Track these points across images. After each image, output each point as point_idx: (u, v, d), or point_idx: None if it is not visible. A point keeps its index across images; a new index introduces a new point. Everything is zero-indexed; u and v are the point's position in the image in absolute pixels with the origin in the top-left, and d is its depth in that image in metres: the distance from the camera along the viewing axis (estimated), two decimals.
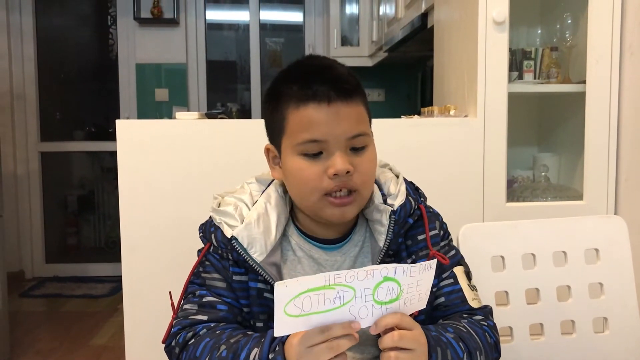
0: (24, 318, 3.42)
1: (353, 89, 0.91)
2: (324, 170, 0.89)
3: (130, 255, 1.64)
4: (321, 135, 0.88)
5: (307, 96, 0.89)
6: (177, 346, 0.92)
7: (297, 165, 0.91)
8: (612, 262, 1.22)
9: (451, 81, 2.04)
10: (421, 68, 3.84)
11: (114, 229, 4.67)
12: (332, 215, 0.92)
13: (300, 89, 0.90)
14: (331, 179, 0.89)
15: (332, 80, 0.89)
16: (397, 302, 0.80)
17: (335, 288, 0.76)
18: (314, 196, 0.91)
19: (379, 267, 0.77)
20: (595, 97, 1.75)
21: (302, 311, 0.75)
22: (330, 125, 0.88)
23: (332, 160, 0.88)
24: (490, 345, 0.94)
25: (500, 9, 1.70)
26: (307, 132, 0.89)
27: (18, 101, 4.22)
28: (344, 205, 0.91)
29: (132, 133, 1.64)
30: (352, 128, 0.89)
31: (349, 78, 0.92)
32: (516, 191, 1.89)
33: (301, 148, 0.90)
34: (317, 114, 0.88)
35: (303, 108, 0.89)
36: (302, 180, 0.91)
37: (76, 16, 4.72)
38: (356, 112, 0.91)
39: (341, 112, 0.89)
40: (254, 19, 4.60)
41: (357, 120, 0.91)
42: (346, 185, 0.89)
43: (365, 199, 0.94)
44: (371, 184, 0.95)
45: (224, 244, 0.93)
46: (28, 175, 4.25)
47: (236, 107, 4.49)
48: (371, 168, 0.93)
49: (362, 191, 0.92)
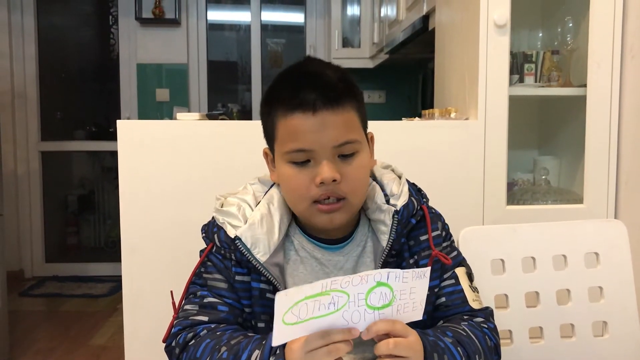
0: (24, 317, 3.42)
1: (341, 96, 0.90)
2: (311, 179, 0.90)
3: (130, 256, 1.64)
4: (307, 145, 0.89)
5: (293, 105, 0.89)
6: (178, 347, 0.92)
7: (286, 173, 0.92)
8: (612, 266, 1.22)
9: (452, 84, 2.04)
10: (422, 70, 3.84)
11: (114, 228, 4.67)
12: (321, 222, 0.92)
13: (288, 97, 0.90)
14: (318, 187, 0.89)
15: (319, 88, 0.89)
16: (389, 308, 0.81)
17: (331, 294, 0.76)
18: (303, 204, 0.92)
19: (373, 272, 0.78)
20: (596, 101, 1.75)
21: (299, 319, 0.76)
22: (316, 134, 0.88)
23: (319, 169, 0.89)
24: (490, 348, 0.94)
25: (501, 12, 1.70)
26: (294, 142, 0.90)
27: (19, 100, 4.22)
28: (332, 212, 0.91)
29: (133, 133, 1.64)
30: (339, 136, 0.89)
31: (338, 84, 0.91)
32: (516, 194, 1.89)
33: (289, 157, 0.91)
34: (302, 123, 0.89)
35: (290, 117, 0.90)
36: (291, 188, 0.92)
37: (78, 16, 4.73)
38: (344, 119, 0.90)
39: (327, 121, 0.89)
40: (255, 20, 4.61)
41: (345, 127, 0.90)
42: (333, 193, 0.90)
43: (355, 206, 0.94)
44: (361, 191, 0.94)
45: (227, 244, 0.93)
46: (28, 175, 4.25)
47: (237, 108, 4.50)
48: (360, 175, 0.93)
49: (351, 199, 0.92)
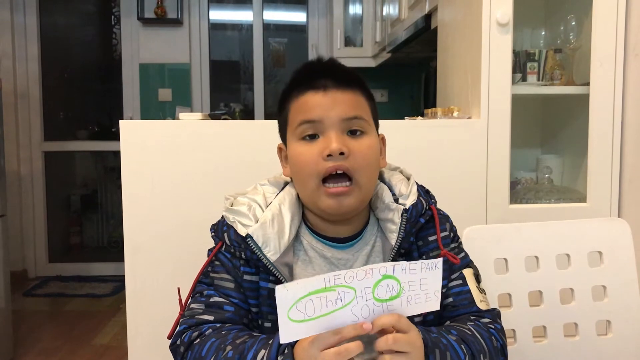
0: (27, 317, 3.43)
1: (352, 81, 0.95)
2: (319, 153, 0.91)
3: (133, 255, 1.64)
4: (316, 116, 0.92)
5: (306, 87, 0.94)
6: (182, 345, 0.92)
7: (296, 151, 0.94)
8: (616, 265, 1.22)
9: (455, 82, 2.04)
10: (424, 69, 3.84)
11: (116, 228, 4.67)
12: (329, 206, 0.92)
13: (301, 81, 0.96)
14: (326, 160, 0.90)
15: (330, 71, 0.95)
16: (397, 300, 0.80)
17: (336, 289, 0.76)
18: (311, 182, 0.92)
19: (377, 265, 0.78)
20: (599, 99, 1.75)
21: (306, 316, 0.75)
22: (325, 108, 0.92)
23: (327, 142, 0.91)
24: (496, 349, 0.93)
25: (504, 11, 1.70)
26: (304, 114, 0.93)
27: (22, 100, 4.22)
28: (340, 195, 0.91)
29: (136, 133, 1.65)
30: (348, 111, 0.92)
31: (347, 71, 0.96)
32: (519, 193, 1.89)
33: (298, 131, 0.93)
34: (313, 99, 0.93)
35: (302, 96, 0.94)
36: (300, 166, 0.93)
37: (80, 16, 4.74)
38: (353, 98, 0.94)
39: (337, 98, 0.93)
40: (257, 19, 4.61)
41: (354, 105, 0.94)
42: (341, 167, 0.90)
43: (365, 192, 0.94)
44: (370, 174, 0.94)
45: (238, 242, 0.93)
46: (31, 175, 4.25)
47: (239, 107, 4.50)
48: (368, 154, 0.93)
49: (359, 179, 0.91)
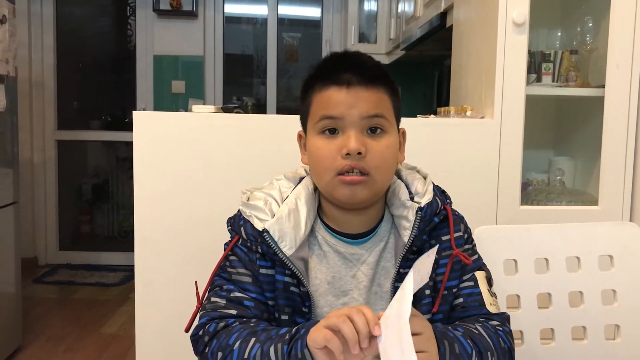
0: (37, 304, 3.46)
1: (376, 78, 0.94)
2: (338, 150, 0.92)
3: (143, 245, 1.65)
4: (338, 113, 0.92)
5: (330, 81, 0.94)
6: (207, 334, 0.92)
7: (315, 144, 0.94)
8: (626, 269, 1.21)
9: (468, 81, 2.03)
10: (438, 67, 3.82)
11: (127, 218, 4.71)
12: (343, 195, 0.93)
13: (325, 75, 0.95)
14: (344, 158, 0.91)
15: (356, 68, 0.94)
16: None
17: None
18: (327, 175, 0.93)
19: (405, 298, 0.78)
20: (614, 102, 1.73)
21: None
22: (347, 105, 0.92)
23: (346, 140, 0.91)
24: (504, 350, 0.93)
25: (520, 10, 1.69)
26: (325, 110, 0.93)
27: (36, 89, 4.25)
28: (354, 184, 0.92)
29: (149, 125, 1.65)
30: (369, 109, 0.92)
31: (374, 68, 0.95)
32: (531, 194, 1.88)
33: (319, 125, 0.94)
34: (336, 95, 0.93)
35: (325, 90, 0.94)
36: (318, 159, 0.94)
37: (96, 6, 4.76)
38: (376, 96, 0.94)
39: (360, 95, 0.92)
40: (272, 14, 4.61)
41: (376, 103, 0.93)
42: (357, 166, 0.91)
43: (378, 185, 0.94)
44: (385, 170, 0.95)
45: (254, 237, 0.94)
46: (44, 163, 4.29)
47: (252, 101, 4.50)
48: (386, 153, 0.93)
49: (375, 175, 0.92)
